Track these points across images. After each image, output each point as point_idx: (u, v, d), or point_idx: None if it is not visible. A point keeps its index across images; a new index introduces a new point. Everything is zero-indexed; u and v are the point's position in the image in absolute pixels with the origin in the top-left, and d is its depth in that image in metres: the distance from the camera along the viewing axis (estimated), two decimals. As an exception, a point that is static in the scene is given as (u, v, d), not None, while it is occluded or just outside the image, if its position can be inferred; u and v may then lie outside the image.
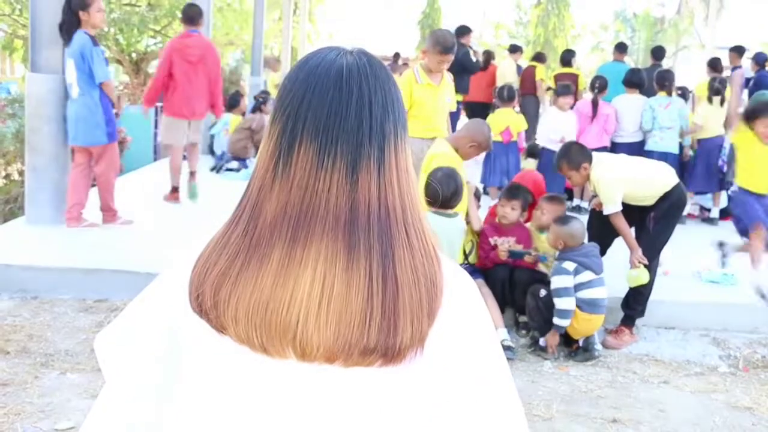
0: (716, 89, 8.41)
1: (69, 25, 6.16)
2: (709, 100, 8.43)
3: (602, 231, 5.07)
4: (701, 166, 8.34)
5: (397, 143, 1.06)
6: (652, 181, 4.98)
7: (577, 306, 4.66)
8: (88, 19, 6.21)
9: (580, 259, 4.69)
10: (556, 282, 4.69)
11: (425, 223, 1.08)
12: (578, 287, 4.67)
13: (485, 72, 11.28)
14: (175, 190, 7.77)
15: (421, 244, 1.05)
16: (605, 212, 4.90)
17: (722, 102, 8.45)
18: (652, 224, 4.95)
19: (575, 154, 4.98)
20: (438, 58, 5.61)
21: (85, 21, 6.19)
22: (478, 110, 10.73)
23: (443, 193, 4.51)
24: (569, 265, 4.67)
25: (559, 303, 4.67)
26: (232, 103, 11.26)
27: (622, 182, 4.87)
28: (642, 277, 4.88)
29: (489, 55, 12.21)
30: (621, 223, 4.88)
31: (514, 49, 13.62)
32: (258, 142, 10.13)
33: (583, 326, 4.73)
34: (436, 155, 4.97)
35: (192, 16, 7.55)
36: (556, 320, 4.69)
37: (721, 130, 8.49)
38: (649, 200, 4.96)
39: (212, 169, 10.15)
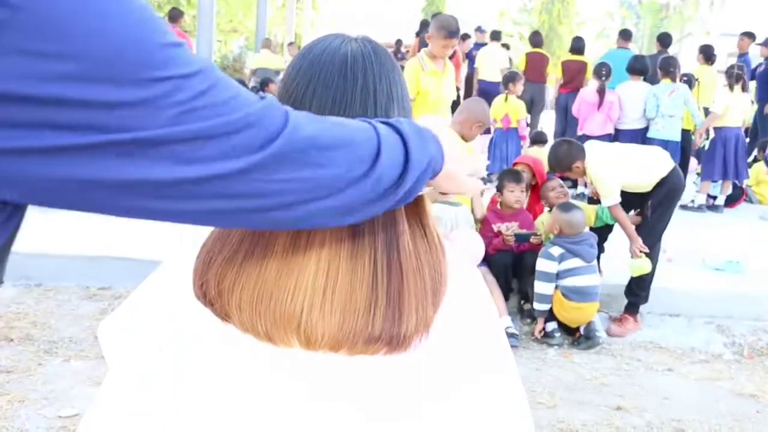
0: (737, 75, 8.15)
1: None
2: (730, 87, 8.19)
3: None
4: (719, 155, 8.21)
5: (401, 132, 1.05)
6: (646, 167, 4.95)
7: (563, 294, 4.65)
8: None
9: (568, 245, 4.66)
10: (539, 265, 4.70)
11: (429, 211, 1.08)
12: (563, 274, 4.66)
13: None
14: None
15: (425, 231, 1.04)
16: (604, 204, 4.90)
17: (744, 88, 8.26)
18: (650, 211, 4.93)
19: (564, 155, 4.91)
20: (443, 43, 5.59)
21: None
22: None
23: None
24: (555, 251, 4.66)
25: (537, 287, 4.68)
26: None
27: (618, 174, 4.84)
28: (644, 266, 4.86)
29: None
30: (620, 214, 4.86)
31: (499, 36, 13.58)
32: None
33: (574, 315, 4.71)
34: None
35: (173, 16, 10.17)
36: (534, 304, 4.72)
37: (741, 120, 8.29)
38: (646, 187, 4.94)
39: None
